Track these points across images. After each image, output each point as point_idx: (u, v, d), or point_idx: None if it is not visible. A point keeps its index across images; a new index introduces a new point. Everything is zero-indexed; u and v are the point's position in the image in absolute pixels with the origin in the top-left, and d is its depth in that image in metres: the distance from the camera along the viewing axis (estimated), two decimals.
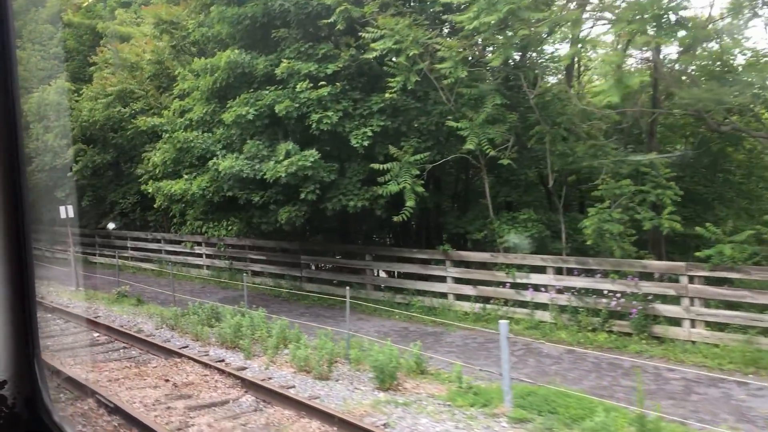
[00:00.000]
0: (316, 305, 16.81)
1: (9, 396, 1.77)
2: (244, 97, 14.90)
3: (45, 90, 22.77)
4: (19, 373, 1.80)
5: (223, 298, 18.17)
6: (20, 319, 1.81)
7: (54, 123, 23.23)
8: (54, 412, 1.87)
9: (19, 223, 1.82)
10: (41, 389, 1.86)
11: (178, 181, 15.51)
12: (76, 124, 22.66)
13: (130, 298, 17.87)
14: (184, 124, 15.82)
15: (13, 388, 1.78)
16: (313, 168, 13.74)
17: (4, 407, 1.76)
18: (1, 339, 1.75)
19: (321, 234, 20.39)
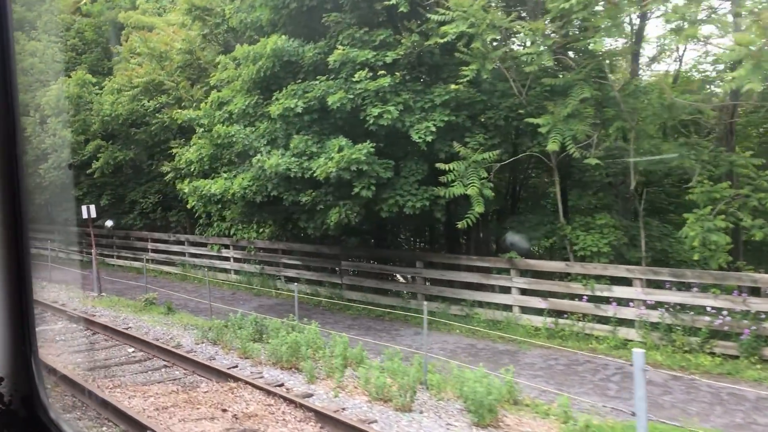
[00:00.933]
0: (363, 316, 15.44)
1: (6, 393, 1.74)
2: (291, 88, 13.56)
3: (65, 82, 21.44)
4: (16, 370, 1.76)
5: (258, 306, 16.83)
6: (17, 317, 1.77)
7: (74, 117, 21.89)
8: (51, 410, 1.83)
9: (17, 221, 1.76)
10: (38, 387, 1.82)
11: (217, 180, 14.15)
12: (97, 118, 21.32)
13: (158, 306, 16.52)
14: (223, 117, 14.45)
15: (10, 386, 1.75)
16: (368, 162, 12.38)
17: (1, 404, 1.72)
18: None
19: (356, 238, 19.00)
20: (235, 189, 13.46)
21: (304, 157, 13.05)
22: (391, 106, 12.38)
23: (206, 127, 14.86)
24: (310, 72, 14.14)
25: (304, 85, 13.60)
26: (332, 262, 17.95)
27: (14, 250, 1.77)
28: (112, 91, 21.40)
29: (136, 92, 19.25)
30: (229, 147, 14.42)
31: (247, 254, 20.43)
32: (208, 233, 21.87)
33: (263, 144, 13.52)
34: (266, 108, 14.07)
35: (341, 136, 13.27)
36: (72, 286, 20.34)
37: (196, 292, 19.25)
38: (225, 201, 14.43)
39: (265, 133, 13.60)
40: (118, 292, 19.25)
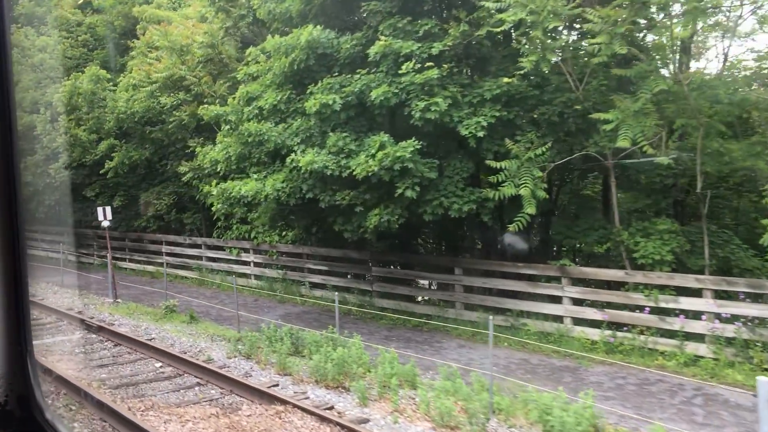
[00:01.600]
0: (398, 326, 14.49)
1: (2, 394, 1.74)
2: (327, 82, 12.64)
3: (78, 77, 20.51)
4: (12, 371, 1.76)
5: (285, 314, 15.90)
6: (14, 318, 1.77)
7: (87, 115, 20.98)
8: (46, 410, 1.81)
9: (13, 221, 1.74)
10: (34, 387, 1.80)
11: (248, 181, 13.20)
12: (112, 116, 20.40)
13: (179, 314, 15.59)
14: (252, 113, 13.51)
15: (6, 386, 1.75)
16: (413, 161, 11.45)
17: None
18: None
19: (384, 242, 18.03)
20: (267, 191, 12.51)
21: (341, 155, 12.12)
22: (438, 98, 11.45)
23: (233, 124, 13.91)
24: (346, 65, 13.22)
25: (341, 79, 12.68)
26: (361, 268, 17.02)
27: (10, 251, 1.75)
28: (127, 87, 20.47)
29: (154, 88, 18.32)
30: (258, 145, 13.48)
31: (268, 259, 19.50)
32: (226, 236, 20.94)
33: (297, 142, 12.58)
34: (299, 104, 13.14)
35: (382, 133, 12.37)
36: (86, 292, 19.43)
37: (216, 298, 18.34)
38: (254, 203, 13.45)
39: (299, 131, 12.66)
40: (134, 298, 18.34)
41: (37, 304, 16.19)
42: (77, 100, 20.61)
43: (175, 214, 23.52)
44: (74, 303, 17.07)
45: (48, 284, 20.76)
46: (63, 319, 14.68)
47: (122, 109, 20.22)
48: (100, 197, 24.33)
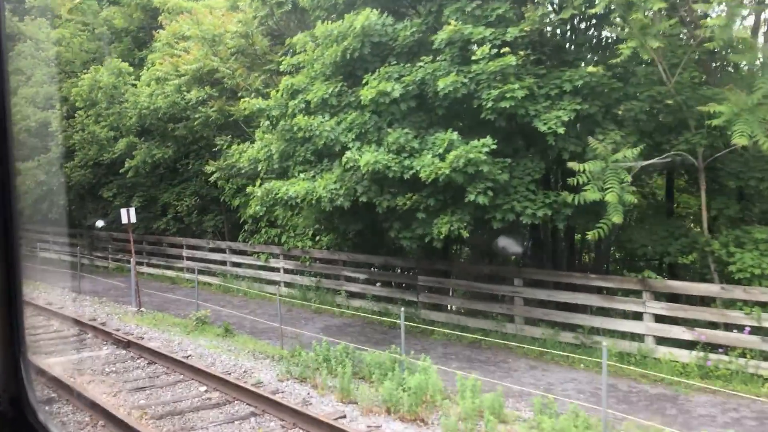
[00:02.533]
0: (453, 342, 13.24)
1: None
2: (384, 71, 11.41)
3: (98, 71, 19.30)
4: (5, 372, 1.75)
5: (325, 327, 14.66)
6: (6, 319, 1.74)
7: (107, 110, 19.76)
8: (39, 411, 1.80)
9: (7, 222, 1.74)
10: (27, 388, 1.79)
11: (294, 181, 11.96)
12: (134, 112, 19.18)
13: (211, 326, 14.37)
14: (298, 107, 12.26)
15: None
16: (486, 162, 10.22)
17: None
18: None
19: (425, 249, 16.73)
20: (320, 192, 11.25)
21: (403, 154, 10.88)
22: (515, 85, 10.22)
23: (275, 120, 12.68)
24: (402, 54, 12.01)
25: (399, 68, 11.45)
26: (406, 277, 15.77)
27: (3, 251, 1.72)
28: (149, 82, 19.25)
29: (182, 81, 17.07)
30: (304, 143, 12.26)
31: (300, 265, 18.25)
32: (253, 241, 19.70)
33: (351, 138, 11.33)
34: (351, 97, 11.91)
35: (443, 129, 11.16)
36: (105, 299, 18.22)
37: (245, 307, 17.11)
38: (302, 206, 12.20)
39: (353, 126, 11.41)
40: (158, 307, 17.12)
41: (58, 314, 14.97)
42: (96, 94, 19.38)
43: (196, 216, 22.29)
44: (96, 312, 15.84)
45: (65, 290, 19.55)
46: (86, 331, 13.46)
47: (144, 104, 19.00)
48: (117, 198, 23.13)
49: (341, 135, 11.36)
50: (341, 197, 11.27)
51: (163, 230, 23.13)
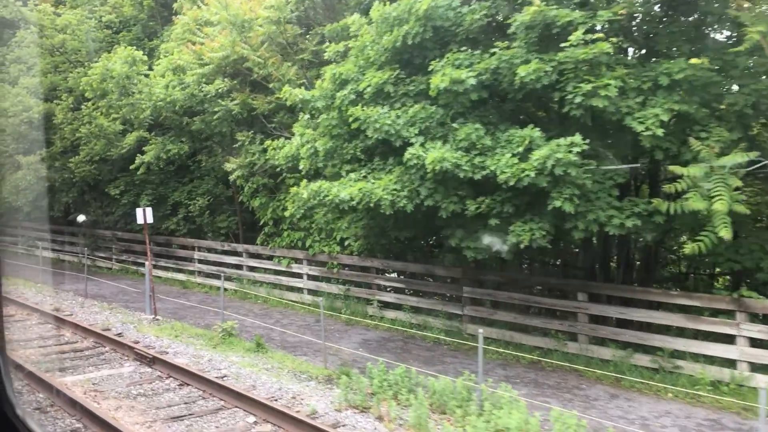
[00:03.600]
0: (512, 362, 11.96)
1: None
2: (453, 57, 10.13)
3: (110, 59, 17.88)
4: None
5: (363, 341, 13.36)
6: None
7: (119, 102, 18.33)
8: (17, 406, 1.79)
9: None
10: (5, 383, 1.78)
11: (348, 182, 10.63)
12: (148, 104, 17.77)
13: (239, 338, 13.02)
14: (348, 98, 10.94)
15: None
16: (576, 164, 8.98)
17: None
18: None
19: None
20: (380, 194, 9.93)
21: (473, 151, 9.60)
22: (610, 80, 8.97)
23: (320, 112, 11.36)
24: (466, 41, 10.73)
25: (467, 55, 10.18)
26: (449, 287, 14.47)
27: None
28: (164, 72, 17.86)
29: (207, 71, 15.67)
30: (351, 138, 10.96)
31: (326, 271, 16.92)
32: (273, 244, 18.33)
33: (414, 133, 10.03)
34: (410, 86, 10.62)
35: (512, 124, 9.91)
36: (116, 305, 16.80)
37: (269, 317, 15.76)
38: (352, 210, 10.87)
39: (415, 119, 10.11)
40: (173, 314, 15.75)
41: (67, 322, 13.56)
42: (108, 85, 17.96)
43: (208, 216, 20.88)
44: (109, 320, 14.44)
45: (72, 294, 18.11)
46: (104, 343, 12.07)
47: (160, 96, 17.60)
48: (125, 195, 21.71)
49: (402, 129, 10.05)
50: (403, 200, 9.95)
51: (172, 231, 21.70)
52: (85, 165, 21.67)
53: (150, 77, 18.51)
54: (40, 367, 10.42)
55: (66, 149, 22.36)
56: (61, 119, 21.01)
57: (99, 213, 24.15)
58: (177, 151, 18.21)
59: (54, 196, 24.41)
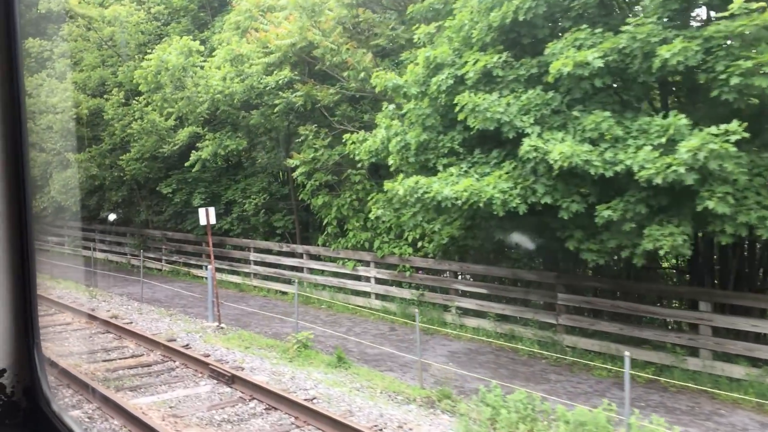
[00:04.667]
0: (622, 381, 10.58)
1: (8, 384, 1.75)
2: (573, 36, 8.82)
3: (165, 50, 16.90)
4: (19, 362, 1.76)
5: (450, 354, 12.18)
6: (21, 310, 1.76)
7: (174, 96, 17.38)
8: (53, 401, 1.81)
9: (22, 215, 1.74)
10: (40, 379, 1.81)
11: (445, 177, 9.40)
12: (206, 96, 16.76)
13: (314, 351, 11.91)
14: (446, 84, 9.69)
15: (13, 377, 1.75)
16: (733, 157, 7.62)
17: (3, 395, 1.74)
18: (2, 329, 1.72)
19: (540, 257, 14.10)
20: (491, 192, 8.68)
21: (602, 144, 8.29)
22: None
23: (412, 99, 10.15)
24: (579, 18, 9.41)
25: (587, 33, 8.86)
26: (540, 294, 13.16)
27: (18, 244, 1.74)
28: (221, 64, 16.83)
29: (272, 60, 14.54)
30: (446, 130, 9.72)
31: (397, 275, 15.73)
32: (337, 245, 17.20)
33: (529, 123, 8.75)
34: (521, 70, 9.34)
35: (638, 112, 8.56)
36: (173, 310, 15.85)
37: (339, 324, 14.65)
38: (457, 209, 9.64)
39: (530, 106, 8.83)
40: (237, 322, 14.74)
41: (127, 331, 12.59)
42: (162, 77, 17.00)
43: (263, 215, 19.85)
44: (171, 329, 13.46)
45: (126, 298, 17.24)
46: (172, 356, 11.05)
47: (217, 88, 16.58)
48: (177, 194, 20.78)
49: (516, 118, 8.77)
50: (515, 199, 8.68)
51: (226, 231, 20.72)
52: (135, 162, 20.83)
53: (205, 69, 17.51)
54: (108, 386, 9.43)
55: (115, 146, 21.54)
56: (112, 115, 20.15)
57: (149, 213, 23.33)
58: (235, 147, 17.17)
59: (103, 195, 23.68)
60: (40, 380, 1.81)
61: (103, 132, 21.77)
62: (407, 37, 13.35)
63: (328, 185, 17.25)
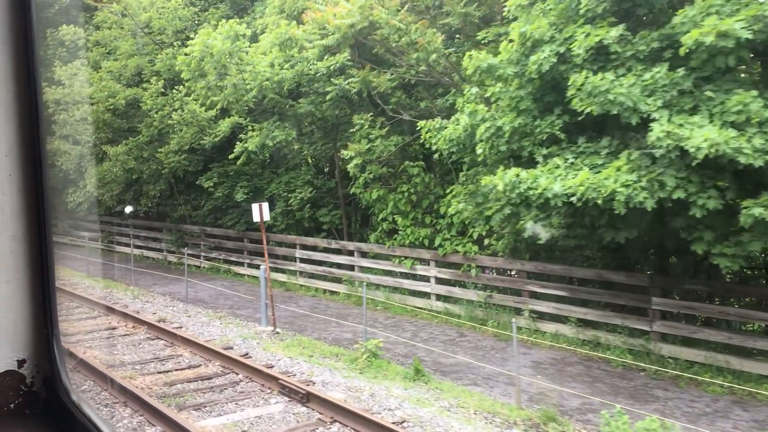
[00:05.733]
0: (747, 400, 9.35)
1: (28, 375, 1.76)
2: (705, 4, 7.54)
3: (209, 35, 15.81)
4: (38, 353, 1.78)
5: (534, 364, 11.05)
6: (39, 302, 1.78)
7: (219, 83, 16.32)
8: (72, 392, 1.80)
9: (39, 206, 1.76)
10: (60, 369, 1.81)
11: (549, 168, 8.20)
12: (254, 84, 15.68)
13: (386, 361, 10.81)
14: (548, 62, 8.47)
15: (32, 368, 1.77)
16: None
17: (23, 386, 1.76)
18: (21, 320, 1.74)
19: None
20: (613, 187, 7.47)
21: (749, 128, 7.03)
22: None
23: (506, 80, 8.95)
24: None
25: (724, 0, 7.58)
26: (629, 297, 11.90)
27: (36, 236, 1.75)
28: (271, 48, 15.73)
29: (332, 42, 13.36)
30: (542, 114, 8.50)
31: (461, 275, 14.57)
32: (393, 242, 16.07)
33: (657, 105, 7.51)
34: (641, 45, 8.07)
35: None
36: (222, 312, 14.84)
37: (400, 328, 13.56)
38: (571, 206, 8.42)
39: (656, 86, 7.58)
40: (290, 324, 13.75)
41: (178, 337, 11.58)
42: (206, 64, 15.94)
43: (308, 210, 18.77)
44: (226, 335, 12.44)
45: (169, 299, 16.29)
46: (233, 368, 10.01)
47: (266, 75, 15.50)
48: (219, 188, 19.78)
49: (640, 101, 7.53)
50: (641, 194, 7.45)
51: (269, 226, 19.65)
52: (174, 155, 19.86)
53: (250, 55, 16.43)
54: (168, 403, 8.41)
55: (152, 138, 20.59)
56: (151, 105, 19.17)
57: (187, 207, 22.39)
58: (284, 138, 16.06)
59: (140, 189, 22.78)
60: (59, 371, 1.81)
61: (140, 123, 20.82)
62: (480, 15, 12.12)
63: (381, 178, 16.13)
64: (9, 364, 1.74)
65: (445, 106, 15.24)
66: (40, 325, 1.78)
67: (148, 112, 19.44)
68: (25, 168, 1.71)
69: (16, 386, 1.74)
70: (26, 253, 1.73)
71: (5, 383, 1.72)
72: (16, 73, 1.68)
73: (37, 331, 1.77)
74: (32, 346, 1.77)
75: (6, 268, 1.71)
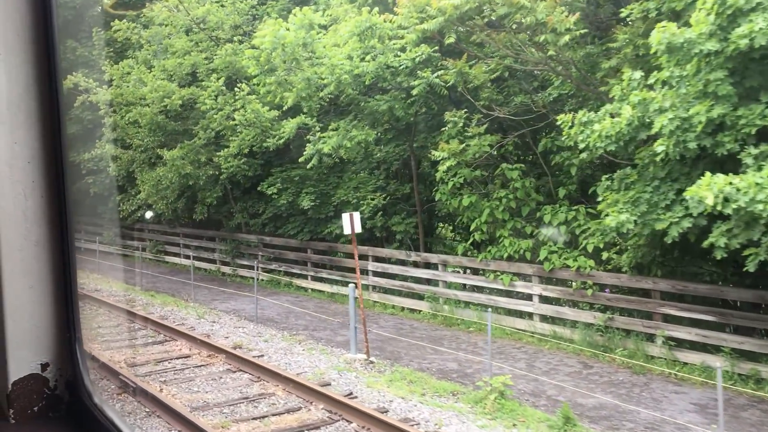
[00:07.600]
0: None
1: (51, 378, 1.78)
2: None
3: (280, 25, 14.15)
4: (61, 356, 1.80)
5: (697, 407, 9.09)
6: (62, 306, 1.79)
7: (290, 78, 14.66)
8: (94, 395, 1.81)
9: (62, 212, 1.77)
10: (82, 372, 1.82)
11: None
12: (331, 78, 13.98)
13: (515, 402, 8.97)
14: (763, 35, 6.55)
15: (55, 371, 1.79)
16: None
17: (46, 389, 1.78)
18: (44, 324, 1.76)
19: None
20: None
21: None
22: None
23: (703, 58, 7.06)
24: None
25: None
26: None
27: (59, 241, 1.77)
28: (349, 39, 14.05)
29: (435, 26, 11.49)
30: (743, 101, 6.58)
31: (572, 293, 12.68)
32: (486, 255, 14.22)
33: None
34: None
35: None
36: (300, 335, 13.13)
37: (508, 356, 11.74)
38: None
39: None
40: (381, 351, 12.00)
41: (270, 372, 9.85)
42: (275, 58, 14.30)
43: (380, 218, 17.01)
44: (317, 366, 10.70)
45: (237, 318, 14.68)
46: (342, 413, 8.26)
47: (344, 68, 13.81)
48: (283, 194, 18.13)
49: None
50: None
51: (336, 237, 17.96)
52: (233, 159, 18.29)
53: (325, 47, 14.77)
54: None
55: (210, 141, 19.06)
56: (210, 106, 17.63)
57: (244, 215, 20.82)
58: (363, 138, 14.34)
59: (194, 196, 21.27)
60: (81, 374, 1.80)
61: (195, 125, 19.32)
62: None
63: (471, 182, 14.34)
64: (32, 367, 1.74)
65: (548, 101, 13.42)
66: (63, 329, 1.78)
67: (207, 112, 17.90)
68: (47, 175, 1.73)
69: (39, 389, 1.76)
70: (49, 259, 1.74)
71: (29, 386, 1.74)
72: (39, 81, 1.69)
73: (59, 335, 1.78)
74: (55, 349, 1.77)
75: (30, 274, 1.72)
